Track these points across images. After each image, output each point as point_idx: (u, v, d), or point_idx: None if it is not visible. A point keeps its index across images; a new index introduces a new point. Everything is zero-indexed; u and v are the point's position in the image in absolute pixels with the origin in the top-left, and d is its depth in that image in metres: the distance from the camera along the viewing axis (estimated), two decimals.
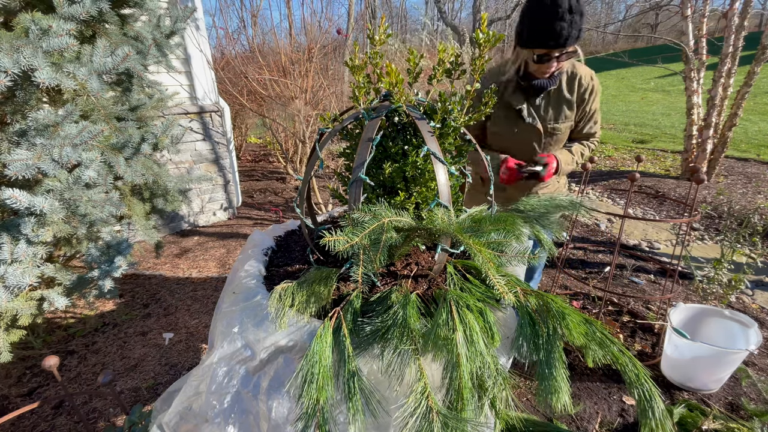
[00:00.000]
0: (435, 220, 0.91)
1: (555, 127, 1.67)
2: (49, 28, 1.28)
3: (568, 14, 1.33)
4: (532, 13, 1.40)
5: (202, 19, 3.59)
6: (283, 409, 0.90)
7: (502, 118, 1.68)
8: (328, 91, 4.40)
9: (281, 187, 5.31)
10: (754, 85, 4.55)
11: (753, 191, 4.61)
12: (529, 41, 1.44)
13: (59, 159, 1.34)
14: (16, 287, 1.40)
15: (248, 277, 1.18)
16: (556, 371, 0.85)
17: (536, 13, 1.38)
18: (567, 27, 1.36)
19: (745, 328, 1.90)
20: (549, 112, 1.65)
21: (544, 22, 1.37)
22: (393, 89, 1.11)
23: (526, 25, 1.43)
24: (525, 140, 1.70)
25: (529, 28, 1.42)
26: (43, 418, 1.83)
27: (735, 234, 2.98)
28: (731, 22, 4.27)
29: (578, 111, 1.68)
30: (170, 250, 3.49)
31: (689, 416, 1.69)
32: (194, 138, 3.77)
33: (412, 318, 0.87)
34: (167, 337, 2.36)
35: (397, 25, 23.18)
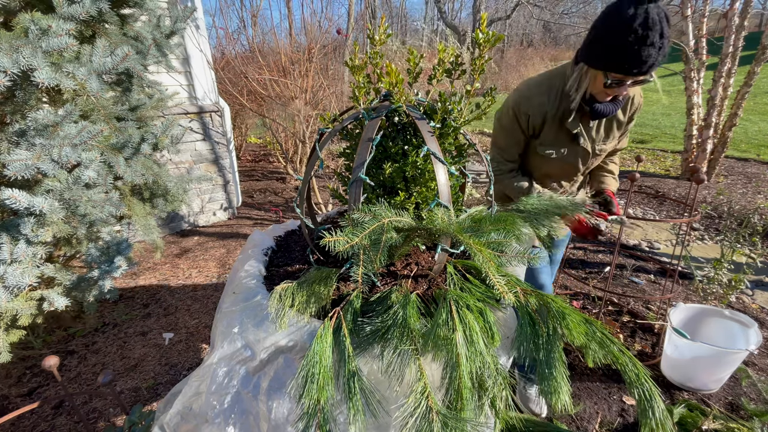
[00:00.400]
0: (435, 220, 0.91)
1: (603, 147, 1.54)
2: (48, 28, 1.28)
3: (659, 39, 1.14)
4: (616, 34, 1.17)
5: (202, 19, 3.59)
6: (283, 410, 0.90)
7: (551, 140, 1.49)
8: (328, 91, 4.40)
9: (281, 187, 5.31)
10: (754, 85, 4.55)
11: (753, 191, 4.61)
12: (608, 65, 1.23)
13: (59, 159, 1.34)
14: (16, 287, 1.40)
15: (248, 277, 1.18)
16: (556, 371, 0.85)
17: (621, 35, 1.16)
18: (655, 54, 1.16)
19: (745, 328, 1.90)
20: (600, 133, 1.51)
21: (630, 47, 1.16)
22: (393, 89, 1.11)
23: (604, 45, 1.21)
24: (570, 161, 1.56)
25: (610, 51, 1.20)
26: (43, 418, 1.83)
27: (735, 234, 2.98)
28: (731, 22, 4.27)
29: (624, 129, 1.56)
30: (170, 250, 3.49)
31: (689, 416, 1.69)
32: (194, 138, 3.76)
33: (412, 318, 0.87)
34: (167, 337, 2.36)
35: (397, 25, 23.18)
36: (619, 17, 1.16)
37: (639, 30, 1.13)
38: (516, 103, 1.46)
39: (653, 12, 1.12)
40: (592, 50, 1.26)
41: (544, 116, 1.43)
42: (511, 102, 1.49)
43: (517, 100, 1.46)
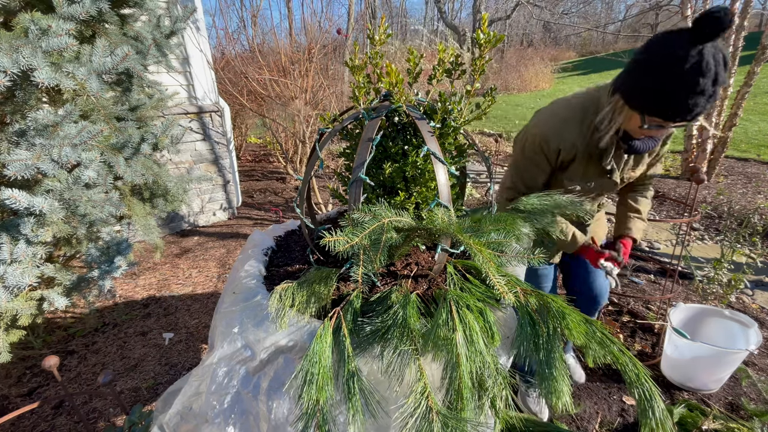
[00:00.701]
0: (435, 220, 0.91)
1: (631, 176, 1.42)
2: (48, 28, 1.28)
3: (711, 86, 0.96)
4: (661, 76, 1.00)
5: (202, 19, 3.59)
6: (283, 410, 0.90)
7: (580, 174, 1.35)
8: (328, 91, 4.40)
9: (281, 187, 5.31)
10: (754, 85, 4.55)
11: (753, 191, 4.61)
12: (647, 109, 1.07)
13: (59, 159, 1.34)
14: (16, 287, 1.40)
15: (248, 277, 1.18)
16: (556, 371, 0.85)
17: (666, 79, 0.99)
18: (704, 102, 0.99)
19: (745, 328, 1.90)
20: (630, 163, 1.38)
21: (675, 93, 0.99)
22: (393, 89, 1.11)
23: (645, 87, 1.04)
24: (594, 191, 1.44)
25: (651, 94, 1.03)
26: (43, 418, 1.83)
27: (735, 234, 2.98)
28: None
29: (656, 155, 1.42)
30: (170, 250, 3.49)
31: (689, 416, 1.69)
32: (194, 138, 3.76)
33: (412, 318, 0.87)
34: (167, 337, 2.36)
35: (397, 25, 23.19)
36: (666, 56, 0.98)
37: (689, 76, 0.96)
38: (545, 137, 1.30)
39: (709, 54, 0.94)
40: (631, 87, 1.09)
41: (576, 152, 1.29)
42: (539, 134, 1.32)
43: (546, 134, 1.30)
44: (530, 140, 1.35)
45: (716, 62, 0.95)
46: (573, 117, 1.27)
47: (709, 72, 0.95)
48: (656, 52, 1.01)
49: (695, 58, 0.94)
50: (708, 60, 0.94)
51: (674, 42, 0.97)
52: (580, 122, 1.26)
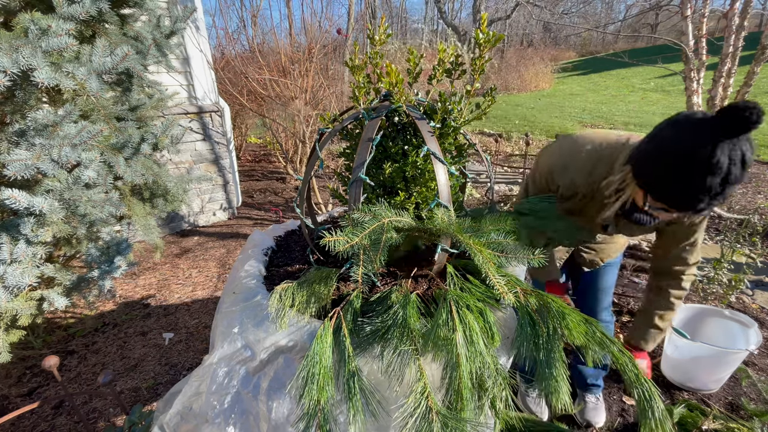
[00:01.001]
0: (435, 220, 0.91)
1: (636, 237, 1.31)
2: (48, 28, 1.28)
3: (719, 186, 0.88)
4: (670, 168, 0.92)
5: (202, 19, 3.59)
6: (284, 410, 0.90)
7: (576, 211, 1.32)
8: (328, 91, 4.40)
9: (281, 187, 5.31)
10: (754, 85, 4.54)
11: (753, 191, 4.61)
12: (653, 194, 1.00)
13: (58, 159, 1.34)
14: (16, 287, 1.40)
15: (248, 277, 1.18)
16: (556, 371, 0.85)
17: (675, 172, 0.91)
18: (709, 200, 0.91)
19: (745, 328, 1.90)
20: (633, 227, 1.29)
21: (682, 188, 0.92)
22: (393, 89, 1.11)
23: (655, 174, 0.96)
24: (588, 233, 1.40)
25: (658, 183, 0.96)
26: (43, 418, 1.83)
27: (735, 234, 2.98)
28: (731, 22, 4.27)
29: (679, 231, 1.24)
30: (170, 250, 3.49)
31: (689, 416, 1.69)
32: (194, 138, 3.76)
33: (412, 318, 0.87)
34: (167, 337, 2.36)
35: (397, 25, 23.19)
36: (677, 146, 0.90)
37: (696, 173, 0.88)
38: (550, 169, 1.28)
39: (723, 153, 0.85)
40: (641, 164, 1.00)
41: (576, 193, 1.24)
42: (547, 166, 1.30)
43: (552, 166, 1.28)
44: (541, 167, 1.34)
45: (731, 161, 0.86)
46: (583, 167, 1.21)
47: (720, 171, 0.86)
48: (670, 137, 0.93)
49: (707, 155, 0.85)
50: (720, 159, 0.85)
51: (691, 131, 0.89)
52: (589, 173, 1.20)
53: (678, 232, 1.23)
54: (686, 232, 1.22)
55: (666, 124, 0.96)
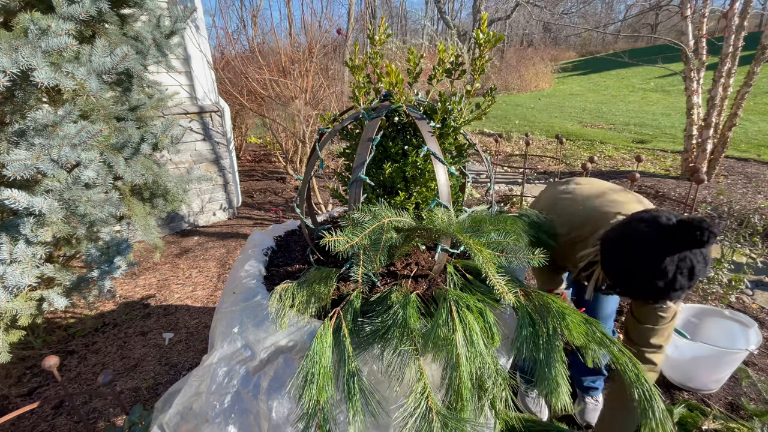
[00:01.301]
0: (435, 220, 0.91)
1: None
2: (48, 28, 1.28)
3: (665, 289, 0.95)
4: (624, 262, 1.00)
5: (202, 19, 3.59)
6: (284, 409, 0.90)
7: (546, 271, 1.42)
8: (328, 91, 4.40)
9: (281, 187, 5.31)
10: (754, 85, 4.54)
11: (753, 191, 4.61)
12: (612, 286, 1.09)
13: (58, 159, 1.33)
14: (16, 287, 1.40)
15: (248, 277, 1.18)
16: (556, 371, 0.85)
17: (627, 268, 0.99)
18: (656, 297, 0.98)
19: (745, 328, 1.90)
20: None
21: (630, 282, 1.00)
22: (393, 89, 1.11)
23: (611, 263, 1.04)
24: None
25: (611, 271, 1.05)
26: (43, 418, 1.83)
27: (735, 234, 2.98)
28: (731, 22, 4.27)
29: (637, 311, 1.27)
30: (170, 250, 3.49)
31: (689, 416, 1.69)
32: (194, 138, 3.76)
33: (412, 318, 0.87)
34: (167, 337, 2.36)
35: (397, 25, 23.19)
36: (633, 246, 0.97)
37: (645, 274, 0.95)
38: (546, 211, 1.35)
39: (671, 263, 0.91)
40: (604, 248, 1.07)
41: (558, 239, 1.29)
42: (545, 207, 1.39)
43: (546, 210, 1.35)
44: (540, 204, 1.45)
45: (678, 270, 0.92)
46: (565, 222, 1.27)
47: (665, 277, 0.93)
48: (631, 236, 0.99)
49: (656, 262, 0.93)
50: (667, 267, 0.92)
51: (649, 235, 0.95)
52: (567, 233, 1.25)
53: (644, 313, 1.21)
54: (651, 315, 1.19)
55: (634, 220, 1.01)
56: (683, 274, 0.92)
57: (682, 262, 0.91)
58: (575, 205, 1.29)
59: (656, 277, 0.93)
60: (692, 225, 0.88)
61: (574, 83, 15.30)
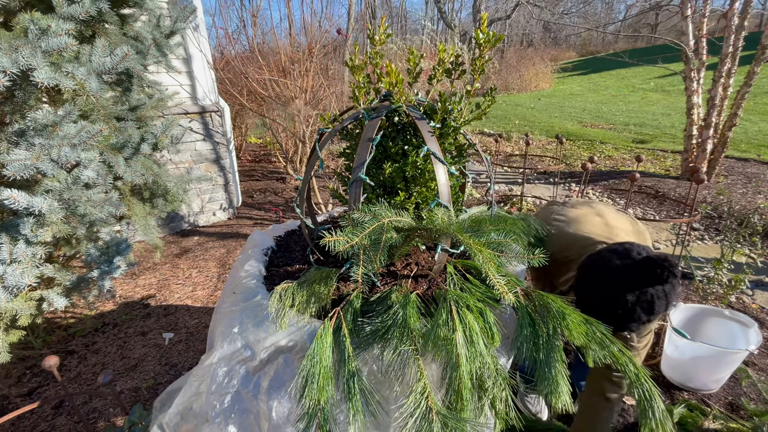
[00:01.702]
0: (435, 220, 0.91)
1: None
2: (48, 28, 1.28)
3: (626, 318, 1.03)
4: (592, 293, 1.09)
5: (202, 19, 3.59)
6: (284, 409, 0.90)
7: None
8: (328, 91, 4.40)
9: (281, 187, 5.31)
10: (754, 85, 4.55)
11: (753, 191, 4.61)
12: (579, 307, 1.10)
13: (58, 159, 1.33)
14: (16, 287, 1.40)
15: (248, 277, 1.18)
16: (556, 371, 0.84)
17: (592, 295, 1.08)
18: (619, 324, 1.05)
19: (745, 328, 1.90)
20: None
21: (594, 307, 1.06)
22: (393, 89, 1.11)
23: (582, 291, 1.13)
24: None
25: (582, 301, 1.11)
26: (43, 418, 1.83)
27: (735, 234, 2.98)
28: (731, 22, 4.27)
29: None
30: (170, 250, 3.49)
31: (689, 416, 1.69)
32: (194, 138, 3.76)
33: (412, 318, 0.87)
34: (167, 337, 2.36)
35: (397, 25, 23.20)
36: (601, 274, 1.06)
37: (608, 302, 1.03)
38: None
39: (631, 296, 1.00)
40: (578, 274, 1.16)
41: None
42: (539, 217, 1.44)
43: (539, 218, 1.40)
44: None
45: (638, 302, 1.00)
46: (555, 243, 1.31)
47: (624, 308, 1.01)
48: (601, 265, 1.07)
49: (618, 291, 1.00)
50: (628, 299, 1.00)
51: (616, 268, 1.03)
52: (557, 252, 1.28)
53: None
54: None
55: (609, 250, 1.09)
56: (642, 307, 1.00)
57: (642, 295, 0.99)
58: (567, 228, 1.34)
59: (616, 305, 1.01)
60: (655, 263, 0.96)
61: (574, 83, 15.30)
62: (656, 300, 0.99)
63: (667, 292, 1.00)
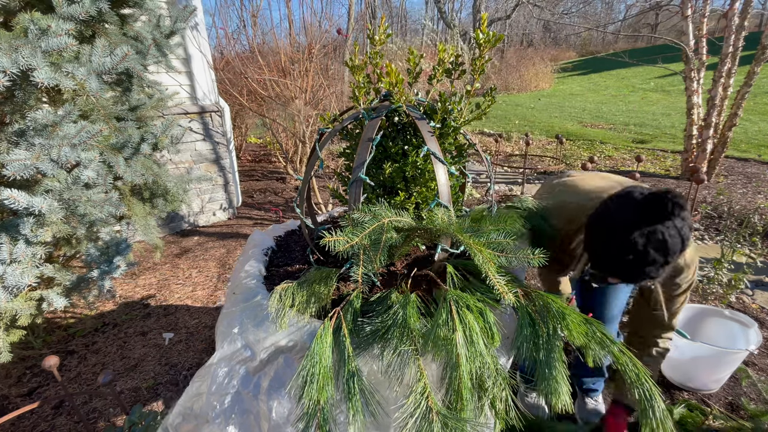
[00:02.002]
0: (435, 220, 0.91)
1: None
2: (48, 28, 1.28)
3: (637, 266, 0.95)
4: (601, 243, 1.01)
5: (202, 19, 3.59)
6: (284, 409, 0.90)
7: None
8: (328, 91, 4.40)
9: (281, 187, 5.31)
10: (754, 85, 4.54)
11: (753, 191, 4.61)
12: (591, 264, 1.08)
13: (58, 159, 1.33)
14: (16, 287, 1.40)
15: (248, 277, 1.18)
16: (556, 371, 0.84)
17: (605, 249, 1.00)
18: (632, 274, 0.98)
19: (745, 328, 1.90)
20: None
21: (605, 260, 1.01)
22: (393, 89, 1.11)
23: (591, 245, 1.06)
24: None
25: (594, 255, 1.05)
26: (43, 418, 1.83)
27: (735, 234, 2.98)
28: (731, 22, 4.27)
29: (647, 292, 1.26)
30: (170, 250, 3.49)
31: (689, 416, 1.69)
32: (194, 138, 3.76)
33: (412, 318, 0.87)
34: (167, 337, 2.36)
35: (397, 25, 23.20)
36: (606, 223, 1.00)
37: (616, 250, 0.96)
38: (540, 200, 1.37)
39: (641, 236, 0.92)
40: (586, 227, 1.08)
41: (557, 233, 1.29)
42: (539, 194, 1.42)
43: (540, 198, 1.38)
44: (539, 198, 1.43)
45: (649, 243, 0.92)
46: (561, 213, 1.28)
47: (635, 251, 0.93)
48: (606, 212, 1.01)
49: (625, 234, 0.93)
50: (637, 241, 0.92)
51: (622, 210, 0.96)
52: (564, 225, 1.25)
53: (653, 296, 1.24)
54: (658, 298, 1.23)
55: (611, 198, 1.02)
56: (655, 248, 0.92)
57: (652, 234, 0.91)
58: (569, 195, 1.30)
59: (626, 250, 0.93)
60: (659, 196, 0.88)
61: (574, 83, 15.30)
62: (668, 238, 0.91)
63: (679, 228, 0.91)
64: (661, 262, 0.93)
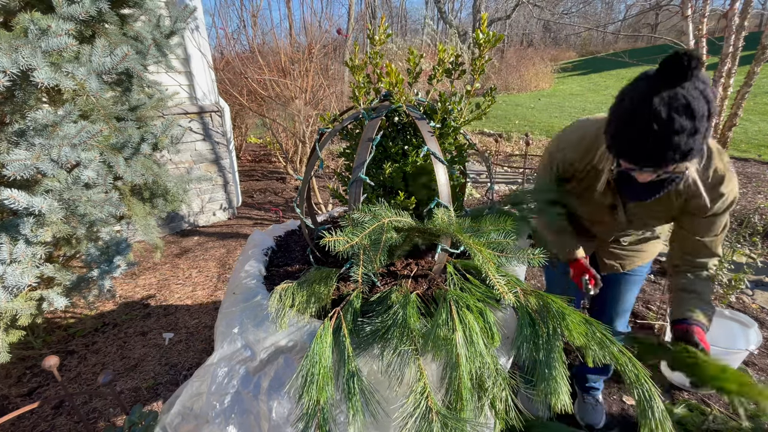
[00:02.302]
0: (435, 220, 0.91)
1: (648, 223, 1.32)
2: (48, 28, 1.28)
3: (667, 135, 0.87)
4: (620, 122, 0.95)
5: (202, 20, 3.59)
6: (284, 409, 0.90)
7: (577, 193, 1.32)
8: (328, 91, 4.40)
9: (281, 187, 5.31)
10: (754, 85, 4.54)
11: (753, 191, 4.61)
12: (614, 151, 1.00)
13: (58, 159, 1.33)
14: (16, 287, 1.40)
15: (248, 277, 1.18)
16: (556, 371, 0.84)
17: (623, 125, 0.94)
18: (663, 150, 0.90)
19: (745, 328, 1.90)
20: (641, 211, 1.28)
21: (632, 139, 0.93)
22: (393, 89, 1.11)
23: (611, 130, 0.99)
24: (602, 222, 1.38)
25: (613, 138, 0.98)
26: (43, 418, 1.83)
27: (735, 234, 2.98)
28: (731, 22, 4.27)
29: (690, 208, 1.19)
30: (170, 250, 3.49)
31: (689, 416, 1.69)
32: (194, 138, 3.76)
33: (412, 318, 0.87)
34: (167, 337, 2.36)
35: (397, 25, 23.20)
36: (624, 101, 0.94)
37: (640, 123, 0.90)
38: (551, 153, 1.34)
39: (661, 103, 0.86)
40: (606, 126, 1.02)
41: (574, 172, 1.28)
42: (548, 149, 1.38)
43: (552, 151, 1.34)
44: (545, 151, 1.40)
45: (672, 109, 0.86)
46: (579, 144, 1.24)
47: (659, 120, 0.87)
48: (621, 96, 0.97)
49: (646, 106, 0.88)
50: (658, 108, 0.87)
51: (638, 85, 0.92)
52: (586, 150, 1.22)
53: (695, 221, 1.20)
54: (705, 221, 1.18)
55: (625, 87, 0.97)
56: (680, 113, 0.86)
57: (673, 99, 0.86)
58: (588, 125, 1.26)
59: (651, 121, 0.88)
60: (673, 55, 0.84)
61: (574, 83, 15.30)
62: (691, 100, 0.85)
63: (701, 90, 0.85)
64: (689, 129, 0.87)
